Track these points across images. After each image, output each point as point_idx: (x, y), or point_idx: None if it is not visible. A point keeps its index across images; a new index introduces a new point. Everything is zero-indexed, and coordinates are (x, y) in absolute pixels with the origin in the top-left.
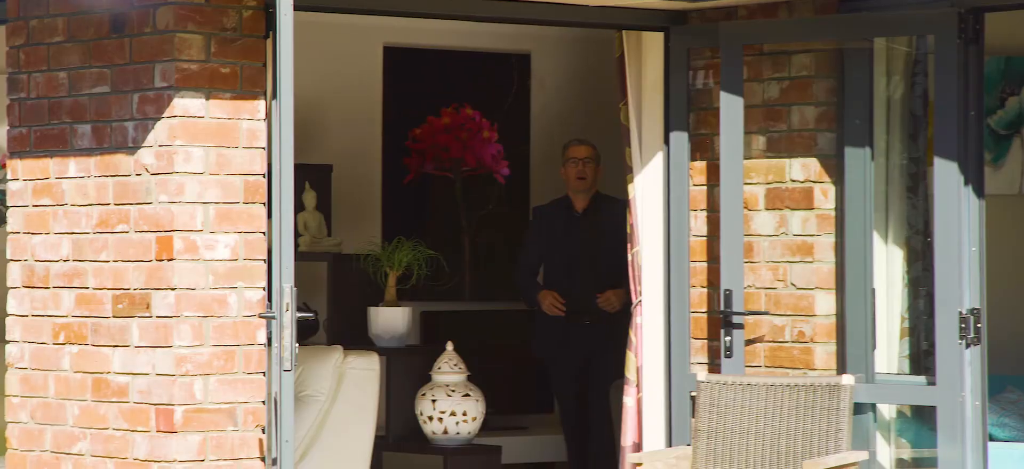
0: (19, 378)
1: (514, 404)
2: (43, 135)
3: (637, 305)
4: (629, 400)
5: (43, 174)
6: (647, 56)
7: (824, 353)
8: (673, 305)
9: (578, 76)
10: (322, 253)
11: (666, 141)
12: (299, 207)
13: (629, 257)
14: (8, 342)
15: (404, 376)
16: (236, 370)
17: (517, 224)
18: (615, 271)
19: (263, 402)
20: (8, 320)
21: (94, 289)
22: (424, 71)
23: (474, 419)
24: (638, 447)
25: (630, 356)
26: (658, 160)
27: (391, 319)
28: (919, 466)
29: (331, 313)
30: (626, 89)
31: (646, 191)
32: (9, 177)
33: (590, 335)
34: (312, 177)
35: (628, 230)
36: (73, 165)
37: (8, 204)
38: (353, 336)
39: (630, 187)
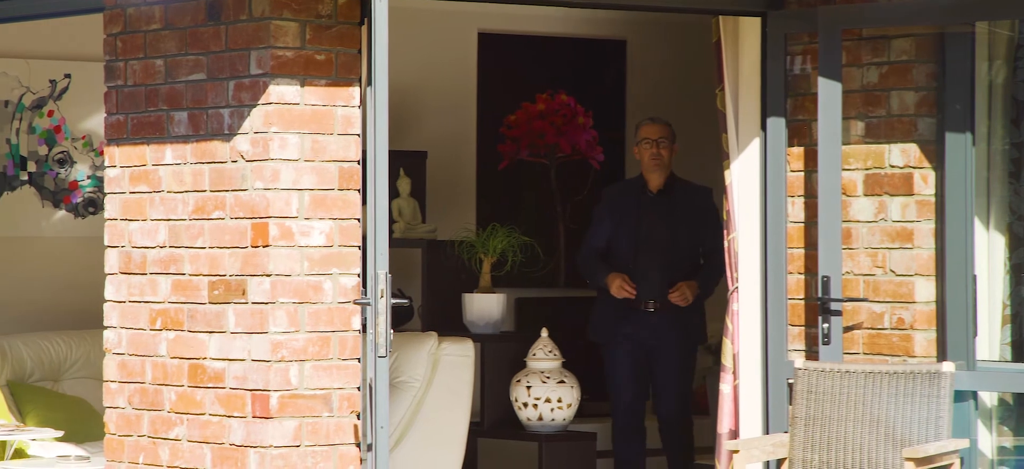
0: (116, 364)
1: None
2: (140, 122)
3: (734, 292)
4: (726, 387)
5: (140, 161)
6: (744, 41)
7: (924, 340)
8: (770, 292)
9: (674, 62)
10: (416, 240)
11: (763, 127)
12: (394, 193)
13: (725, 244)
14: (106, 328)
15: (499, 362)
16: (331, 356)
17: None
18: (687, 259)
19: (358, 388)
20: (105, 306)
21: (190, 275)
22: (519, 57)
23: (569, 406)
24: (735, 434)
25: (726, 343)
26: (755, 146)
27: (486, 306)
28: (1022, 454)
29: (426, 300)
30: (723, 75)
31: (743, 177)
32: (106, 164)
33: (654, 323)
34: (407, 163)
35: (724, 217)
36: (169, 152)
37: (105, 191)
38: (447, 323)
39: (726, 173)
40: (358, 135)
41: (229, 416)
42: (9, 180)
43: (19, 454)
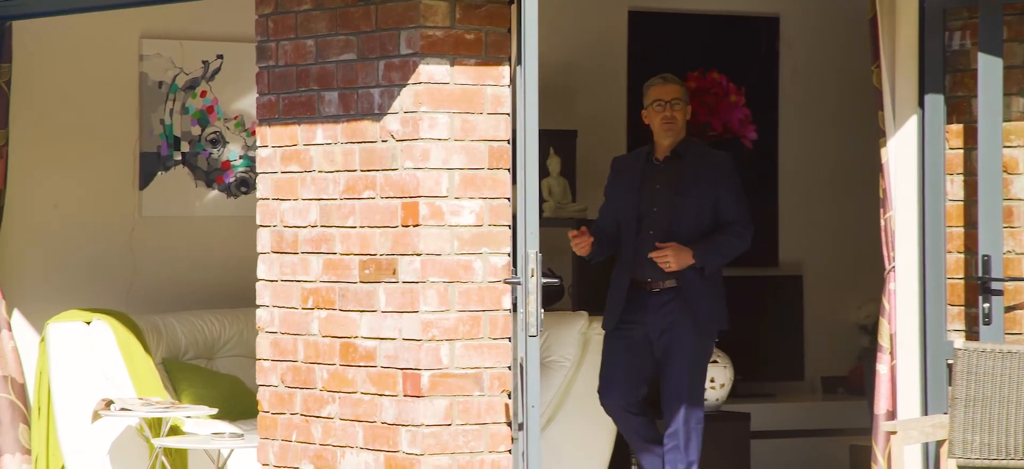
0: (269, 342)
1: (763, 371)
2: (291, 103)
3: (890, 271)
4: (883, 368)
5: (291, 141)
6: (901, 17)
7: None
8: (928, 271)
9: (828, 39)
10: (567, 219)
11: (920, 104)
12: (544, 173)
13: (882, 222)
14: (258, 307)
15: None
16: (482, 335)
17: (764, 190)
18: (699, 233)
19: (508, 367)
20: (258, 285)
21: (341, 255)
22: (669, 35)
23: (722, 386)
24: (892, 415)
25: (883, 323)
26: (912, 123)
27: None
28: None
29: (576, 279)
30: (879, 51)
31: (899, 155)
32: (258, 144)
33: (661, 305)
34: (557, 142)
35: (880, 195)
36: (320, 132)
37: (257, 170)
38: (598, 302)
39: (883, 151)
40: (508, 114)
41: (380, 395)
42: (163, 160)
43: (174, 431)
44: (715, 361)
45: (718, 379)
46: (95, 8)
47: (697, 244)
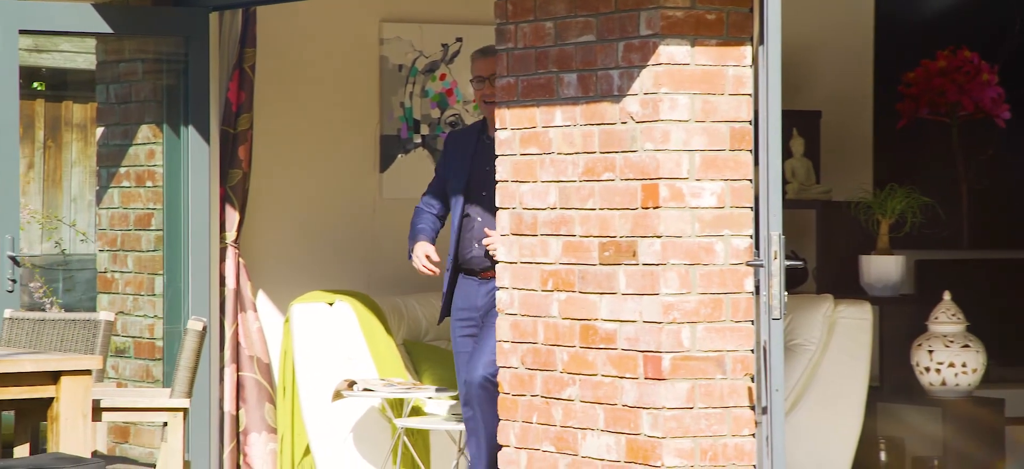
0: (509, 324)
1: (1017, 356)
2: (530, 85)
3: None
4: None
5: (530, 123)
6: None
7: None
8: None
9: None
10: (810, 201)
11: None
12: (786, 154)
13: None
14: (498, 288)
15: (898, 326)
16: (723, 318)
17: (1019, 170)
18: None
19: (751, 351)
20: (498, 267)
21: (580, 237)
22: (918, 12)
23: (974, 371)
24: None
25: None
26: None
27: (884, 267)
28: None
29: (820, 262)
30: None
31: None
32: (497, 126)
33: (488, 297)
34: (800, 123)
35: None
36: (559, 114)
37: (496, 153)
38: (843, 285)
39: None
40: (749, 95)
41: (621, 377)
42: (403, 143)
43: (416, 412)
44: (967, 346)
45: (970, 364)
46: None
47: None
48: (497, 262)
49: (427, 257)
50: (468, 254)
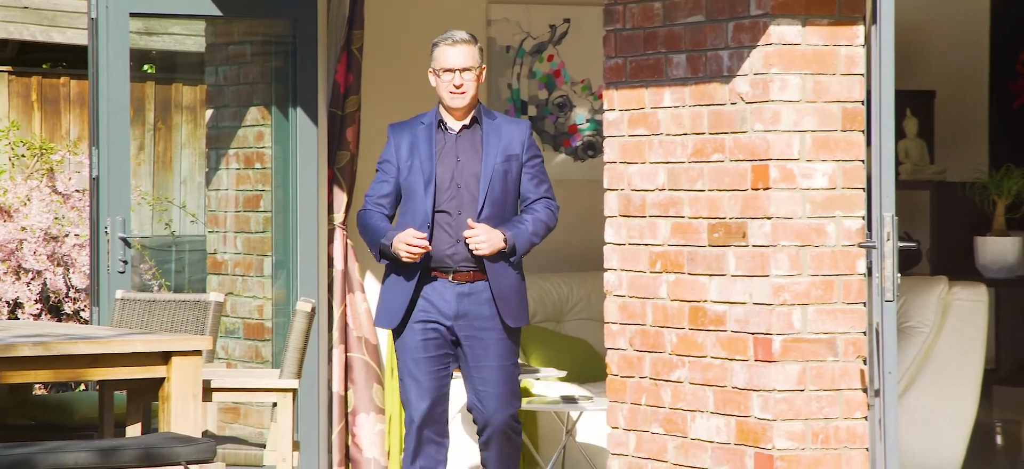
0: (617, 306)
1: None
2: (638, 65)
3: None
4: None
5: (638, 104)
6: None
7: None
8: None
9: None
10: (924, 181)
11: None
12: (900, 134)
13: None
14: (606, 270)
15: (1015, 308)
16: (835, 300)
17: None
18: (501, 212)
19: (864, 333)
20: (605, 248)
21: (689, 218)
22: None
23: None
24: None
25: None
26: None
27: (1000, 249)
28: None
29: (934, 243)
30: None
31: None
32: (605, 107)
33: (462, 301)
34: (913, 103)
35: None
36: (668, 95)
37: (604, 134)
38: (958, 267)
39: None
40: (862, 75)
41: (731, 359)
42: None
43: (524, 393)
44: None
45: None
46: None
47: (512, 230)
48: (484, 258)
49: (414, 236)
50: (445, 251)
